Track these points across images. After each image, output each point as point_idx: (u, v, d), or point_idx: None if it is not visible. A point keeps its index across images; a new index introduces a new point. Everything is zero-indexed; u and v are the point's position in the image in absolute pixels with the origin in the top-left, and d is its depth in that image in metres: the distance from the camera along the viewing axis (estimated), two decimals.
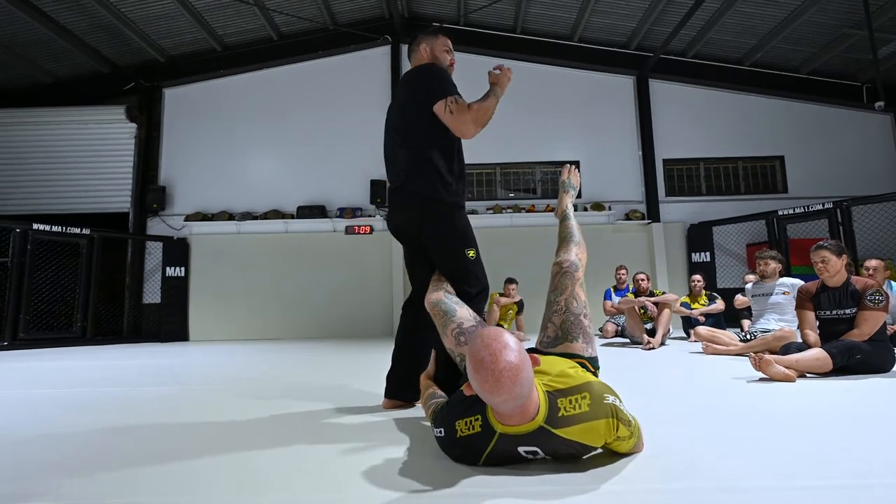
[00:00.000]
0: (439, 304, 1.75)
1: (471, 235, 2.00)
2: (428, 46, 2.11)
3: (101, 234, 7.63)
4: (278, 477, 1.25)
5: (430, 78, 1.98)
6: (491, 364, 1.09)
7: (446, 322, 1.69)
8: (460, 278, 1.93)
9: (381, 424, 1.82)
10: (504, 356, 1.10)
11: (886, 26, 7.59)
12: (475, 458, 1.24)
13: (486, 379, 1.09)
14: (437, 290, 1.85)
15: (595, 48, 9.24)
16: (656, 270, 8.52)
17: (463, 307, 1.76)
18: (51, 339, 6.89)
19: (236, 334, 8.42)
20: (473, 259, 1.95)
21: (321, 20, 8.85)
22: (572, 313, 1.62)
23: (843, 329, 2.93)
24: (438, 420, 1.33)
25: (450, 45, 2.15)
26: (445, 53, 2.12)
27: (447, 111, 1.89)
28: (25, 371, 3.95)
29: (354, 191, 8.91)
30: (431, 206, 1.93)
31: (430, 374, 1.84)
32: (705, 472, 1.22)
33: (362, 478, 1.22)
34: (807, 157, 9.01)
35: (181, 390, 2.79)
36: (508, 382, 1.08)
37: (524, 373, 1.11)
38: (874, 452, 1.36)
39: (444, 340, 1.72)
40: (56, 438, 1.69)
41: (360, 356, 4.80)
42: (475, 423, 1.23)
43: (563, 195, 2.17)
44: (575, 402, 1.20)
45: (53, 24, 7.67)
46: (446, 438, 1.29)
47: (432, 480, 1.18)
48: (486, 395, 1.11)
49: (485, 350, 1.12)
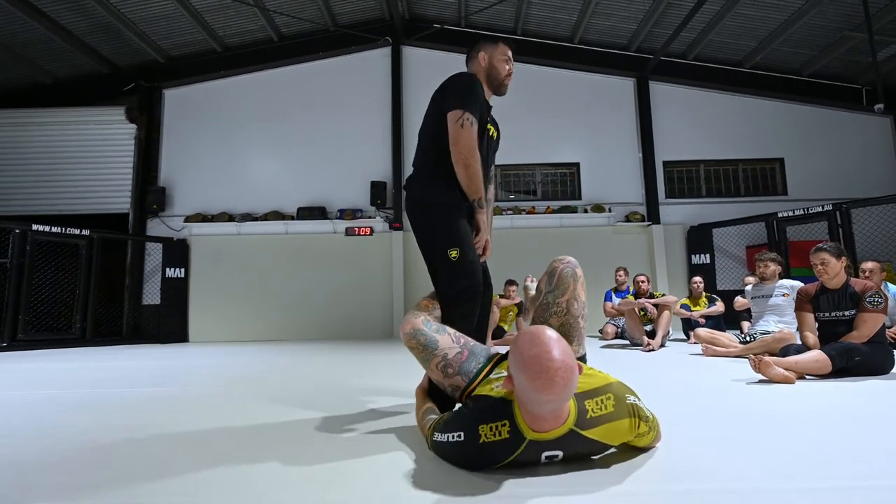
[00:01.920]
0: (416, 335, 1.63)
1: (457, 234, 1.87)
2: (487, 55, 2.05)
3: (101, 235, 7.63)
4: (279, 479, 1.25)
5: (462, 87, 1.93)
6: (547, 362, 1.07)
7: (427, 356, 1.61)
8: (440, 279, 1.89)
9: (382, 426, 1.81)
10: (561, 356, 1.09)
11: (886, 29, 7.60)
12: (492, 464, 1.21)
13: (539, 376, 1.07)
14: (413, 317, 1.70)
15: (596, 50, 9.26)
16: (656, 272, 8.52)
17: (444, 334, 1.64)
18: (50, 341, 6.88)
19: (236, 335, 8.42)
20: (456, 259, 1.84)
21: (322, 21, 8.86)
22: (572, 315, 1.62)
23: (843, 331, 2.93)
24: (452, 425, 1.27)
25: (509, 54, 2.09)
26: (504, 63, 2.06)
27: (458, 123, 1.86)
28: (25, 372, 3.95)
29: (355, 192, 8.91)
30: (415, 207, 1.98)
31: (424, 388, 1.78)
32: (706, 473, 1.22)
33: (366, 480, 1.22)
34: (807, 159, 9.02)
35: (181, 391, 2.78)
36: (562, 382, 1.07)
37: (575, 376, 1.10)
38: (874, 454, 1.36)
39: (430, 374, 1.65)
40: (55, 440, 1.69)
41: (360, 357, 4.80)
42: (502, 428, 1.18)
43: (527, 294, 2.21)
44: (601, 403, 1.22)
45: (53, 25, 7.68)
46: (466, 443, 1.21)
47: (437, 485, 1.17)
48: (535, 392, 1.08)
49: (541, 347, 1.10)
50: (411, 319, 1.68)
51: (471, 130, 1.86)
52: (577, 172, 9.12)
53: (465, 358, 1.59)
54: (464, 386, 1.55)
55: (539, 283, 1.73)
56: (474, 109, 1.89)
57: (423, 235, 1.94)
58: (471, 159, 1.87)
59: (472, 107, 1.88)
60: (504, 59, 2.06)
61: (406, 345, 1.66)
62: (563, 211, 8.73)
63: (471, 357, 1.59)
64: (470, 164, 1.87)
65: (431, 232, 1.91)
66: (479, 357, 1.60)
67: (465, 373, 1.56)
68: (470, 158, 1.86)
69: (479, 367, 1.57)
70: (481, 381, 1.50)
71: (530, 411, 1.15)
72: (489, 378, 1.47)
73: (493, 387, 1.34)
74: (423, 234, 1.94)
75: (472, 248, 1.90)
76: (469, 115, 1.86)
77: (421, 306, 1.84)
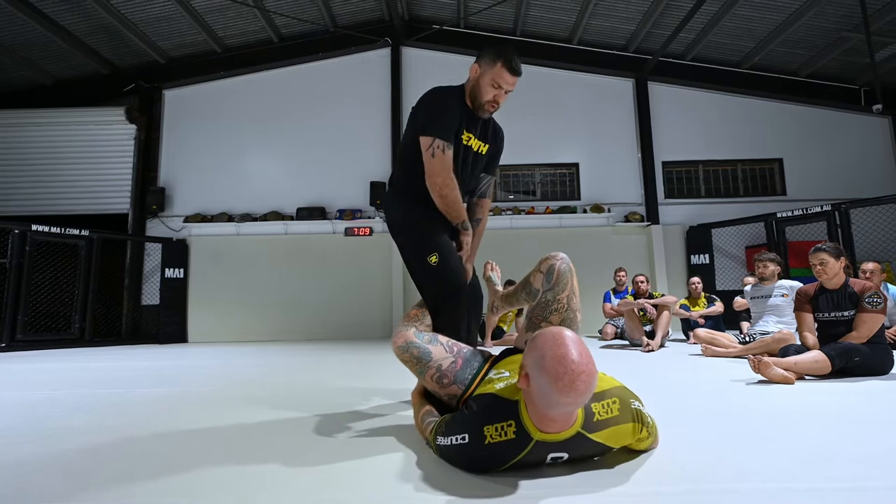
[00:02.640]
0: (409, 348, 1.62)
1: (433, 241, 1.86)
2: (480, 70, 1.86)
3: (100, 236, 7.62)
4: (279, 479, 1.25)
5: (433, 109, 1.85)
6: (571, 364, 1.06)
7: (422, 369, 1.60)
8: (425, 287, 1.90)
9: (383, 426, 1.81)
10: (584, 359, 1.08)
11: (884, 30, 7.62)
12: (499, 465, 1.19)
13: (562, 378, 1.05)
14: (404, 329, 1.69)
15: (594, 51, 9.27)
16: (655, 272, 8.53)
17: (437, 344, 1.64)
18: (49, 341, 6.88)
19: (235, 336, 8.41)
20: (436, 263, 1.83)
21: (321, 22, 8.86)
22: (572, 310, 1.63)
23: (842, 331, 2.94)
24: (455, 427, 1.25)
25: (504, 83, 1.83)
26: (491, 88, 1.84)
27: (429, 152, 1.81)
28: (24, 373, 3.94)
29: (354, 192, 8.91)
30: (393, 227, 2.00)
31: (420, 391, 1.77)
32: (705, 474, 1.22)
33: (367, 481, 1.22)
34: (805, 159, 9.03)
35: (180, 392, 2.78)
36: (583, 386, 1.06)
37: (595, 380, 1.10)
38: (874, 454, 1.36)
39: (425, 384, 1.65)
40: (54, 440, 1.69)
41: (360, 358, 4.80)
42: (508, 428, 1.17)
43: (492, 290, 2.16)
44: (607, 407, 1.23)
45: (54, 26, 7.68)
46: (470, 445, 1.20)
47: (442, 486, 1.17)
48: (557, 394, 1.06)
49: (564, 349, 1.09)
50: (402, 332, 1.66)
51: (443, 158, 1.80)
52: (577, 173, 9.13)
53: (459, 366, 1.59)
54: (460, 394, 1.55)
55: (532, 281, 1.69)
56: (446, 134, 1.81)
57: (404, 252, 1.97)
58: (445, 189, 1.83)
59: (443, 132, 1.81)
60: (494, 85, 1.84)
61: (399, 358, 1.65)
62: (563, 211, 8.73)
63: (465, 365, 1.59)
64: (445, 193, 1.84)
65: (409, 247, 1.93)
66: (473, 363, 1.60)
67: (460, 381, 1.56)
68: (445, 188, 1.83)
69: (475, 372, 1.57)
70: (480, 383, 1.50)
71: (544, 413, 1.13)
72: (489, 378, 1.47)
73: (496, 386, 1.33)
74: (405, 251, 1.96)
75: (453, 253, 1.90)
76: (440, 141, 1.80)
77: (410, 316, 1.85)
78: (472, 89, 1.89)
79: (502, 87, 1.84)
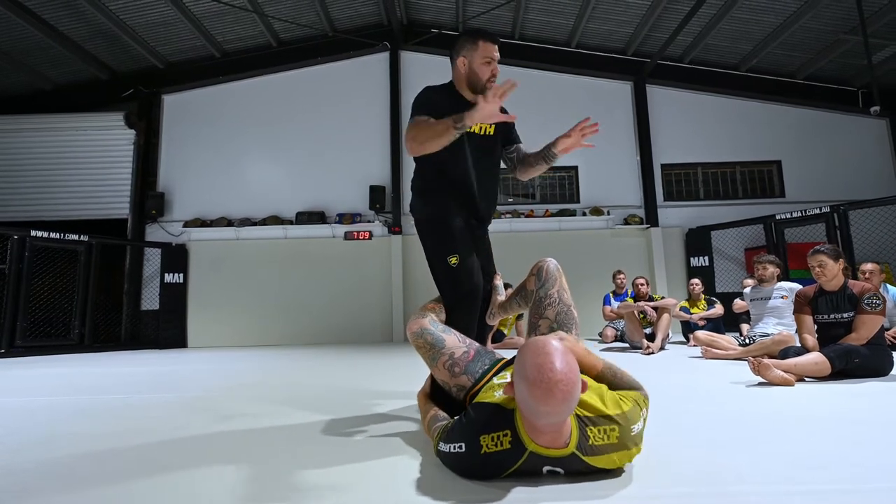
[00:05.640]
0: (423, 334, 1.66)
1: (451, 242, 1.90)
2: (466, 59, 1.94)
3: (100, 241, 7.62)
4: (281, 483, 1.25)
5: (418, 103, 1.93)
6: (549, 372, 1.05)
7: (434, 355, 1.63)
8: (444, 285, 1.94)
9: (385, 430, 1.81)
10: (564, 368, 1.07)
11: (881, 32, 7.65)
12: (496, 474, 1.19)
13: (539, 385, 1.05)
14: (420, 317, 1.73)
15: (593, 54, 9.29)
16: (655, 275, 8.53)
17: (450, 334, 1.67)
18: (48, 347, 6.86)
19: (235, 341, 8.40)
20: (455, 265, 1.88)
21: (320, 27, 8.89)
22: (565, 304, 1.67)
23: (841, 333, 2.94)
24: (454, 435, 1.26)
25: (494, 53, 1.92)
26: (485, 65, 1.91)
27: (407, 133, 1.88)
28: (23, 378, 3.93)
29: (353, 196, 8.92)
30: (416, 225, 2.05)
31: (426, 393, 1.78)
32: (705, 476, 1.22)
33: (369, 483, 1.22)
34: (804, 161, 9.05)
35: (180, 397, 2.78)
36: (560, 395, 1.04)
37: (577, 391, 1.08)
38: (874, 456, 1.36)
39: (435, 373, 1.66)
40: (54, 446, 1.68)
41: (360, 362, 4.79)
42: (503, 438, 1.17)
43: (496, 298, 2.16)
44: (604, 433, 1.18)
45: (53, 32, 7.69)
46: (467, 454, 1.20)
47: (443, 490, 1.17)
48: (533, 401, 1.06)
49: (545, 357, 1.08)
50: (418, 319, 1.71)
51: (413, 125, 1.82)
52: (576, 176, 9.14)
53: (471, 358, 1.62)
54: (469, 385, 1.56)
55: (526, 285, 1.78)
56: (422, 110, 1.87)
57: (426, 251, 2.01)
58: (411, 142, 1.80)
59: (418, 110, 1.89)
60: (486, 61, 1.91)
61: (413, 343, 1.69)
62: (562, 214, 8.74)
63: (477, 358, 1.62)
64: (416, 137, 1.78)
65: (431, 247, 1.98)
66: (485, 359, 1.63)
67: (471, 373, 1.58)
68: (411, 142, 1.80)
69: (486, 368, 1.59)
70: (485, 384, 1.50)
71: (531, 422, 1.14)
72: (492, 383, 1.47)
73: (496, 394, 1.33)
74: (427, 250, 2.01)
75: (470, 253, 1.95)
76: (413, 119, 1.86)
77: (427, 308, 1.89)
78: (468, 79, 1.97)
79: (493, 58, 1.94)
